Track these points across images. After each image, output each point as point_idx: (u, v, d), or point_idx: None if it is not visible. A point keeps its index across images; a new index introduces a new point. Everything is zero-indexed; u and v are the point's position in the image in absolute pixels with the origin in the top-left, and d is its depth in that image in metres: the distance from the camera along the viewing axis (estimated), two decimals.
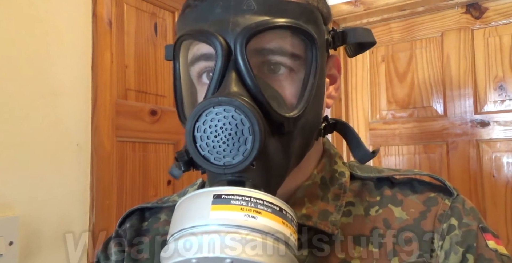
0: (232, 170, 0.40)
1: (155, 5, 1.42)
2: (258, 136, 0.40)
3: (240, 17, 0.46)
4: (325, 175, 0.57)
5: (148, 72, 1.39)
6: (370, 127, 1.73)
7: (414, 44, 1.65)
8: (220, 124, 0.41)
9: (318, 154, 0.59)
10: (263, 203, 0.38)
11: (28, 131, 1.01)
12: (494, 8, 1.49)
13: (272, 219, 0.37)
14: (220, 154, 0.41)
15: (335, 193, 0.55)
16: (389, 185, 0.58)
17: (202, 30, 0.46)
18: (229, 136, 0.40)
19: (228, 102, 0.40)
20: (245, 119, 0.40)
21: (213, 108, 0.41)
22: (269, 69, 0.48)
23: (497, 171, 1.45)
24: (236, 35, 0.44)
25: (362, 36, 0.53)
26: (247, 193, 0.38)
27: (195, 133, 0.41)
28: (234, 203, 0.37)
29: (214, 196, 0.37)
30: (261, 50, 0.47)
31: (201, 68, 0.50)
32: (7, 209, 0.96)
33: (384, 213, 0.54)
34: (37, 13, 1.05)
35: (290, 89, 0.49)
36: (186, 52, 0.51)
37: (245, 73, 0.44)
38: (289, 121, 0.46)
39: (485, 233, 0.51)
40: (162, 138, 1.39)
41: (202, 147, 0.41)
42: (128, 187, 1.28)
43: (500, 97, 1.47)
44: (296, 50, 0.48)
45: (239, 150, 0.40)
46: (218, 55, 0.44)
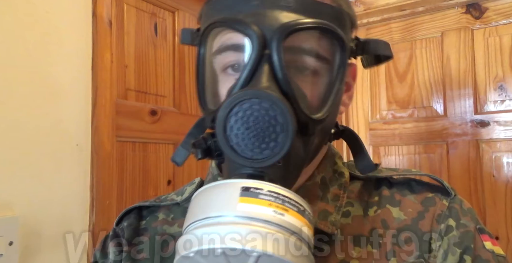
0: (258, 164, 0.40)
1: (155, 5, 1.42)
2: (290, 134, 0.40)
3: (278, 12, 0.45)
4: (325, 175, 0.57)
5: (148, 72, 1.39)
6: (370, 127, 1.73)
7: (414, 44, 1.65)
8: (253, 117, 0.40)
9: (321, 156, 0.59)
10: (290, 201, 0.37)
11: (28, 131, 1.01)
12: (494, 8, 1.49)
13: (297, 218, 0.37)
14: (249, 147, 0.40)
15: (334, 193, 0.55)
16: (387, 185, 0.58)
17: (239, 19, 0.45)
18: (261, 130, 0.40)
19: (265, 96, 0.40)
20: (280, 116, 0.40)
21: (249, 100, 0.40)
22: (296, 69, 0.48)
23: (497, 171, 1.45)
24: (274, 30, 0.44)
25: (381, 49, 0.54)
26: (276, 190, 0.37)
27: (227, 122, 0.41)
28: (263, 198, 0.36)
29: (243, 188, 0.37)
30: (294, 48, 0.47)
31: (229, 58, 0.49)
32: (7, 209, 0.96)
33: (383, 214, 0.54)
34: (37, 13, 1.05)
35: (314, 91, 0.49)
36: (213, 39, 0.51)
37: (279, 69, 0.43)
38: (314, 123, 0.46)
39: (482, 234, 0.52)
40: (162, 138, 1.39)
41: (231, 137, 0.41)
42: (128, 187, 1.28)
43: (500, 97, 1.47)
44: (326, 53, 0.49)
45: (269, 146, 0.40)
46: (254, 47, 0.44)
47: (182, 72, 1.51)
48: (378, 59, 0.57)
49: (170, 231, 0.59)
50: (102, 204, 1.17)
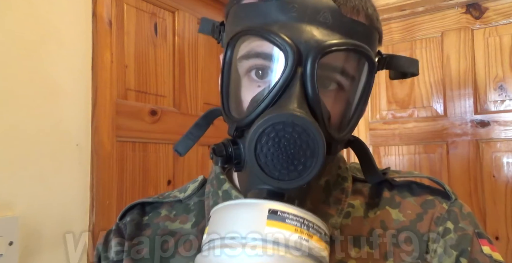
0: (284, 185, 0.41)
1: (155, 5, 1.42)
2: (320, 160, 0.40)
3: (315, 29, 0.44)
4: (329, 179, 0.57)
5: (148, 72, 1.39)
6: (370, 127, 1.73)
7: (414, 44, 1.65)
8: (285, 139, 0.41)
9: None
10: (313, 226, 0.39)
11: (28, 131, 1.01)
12: (494, 8, 1.49)
13: (319, 244, 0.38)
14: (277, 167, 0.41)
15: (336, 197, 0.56)
16: (388, 188, 0.58)
17: (275, 31, 0.44)
18: (291, 153, 0.40)
19: (299, 120, 0.40)
20: (311, 141, 0.40)
21: (283, 122, 0.40)
22: (324, 87, 0.48)
23: (497, 171, 1.45)
24: (311, 48, 0.43)
25: (404, 66, 0.54)
26: (302, 215, 0.38)
27: (257, 142, 0.41)
28: (289, 223, 0.37)
29: (270, 210, 0.38)
30: (323, 65, 0.46)
31: (254, 64, 0.49)
32: (7, 209, 0.96)
33: (382, 215, 0.55)
34: (37, 13, 1.05)
35: (337, 108, 0.49)
36: (241, 43, 0.50)
37: (310, 89, 0.43)
38: (336, 142, 0.46)
39: (480, 239, 0.51)
40: (162, 138, 1.39)
41: (261, 156, 0.41)
42: (128, 187, 1.28)
43: (500, 97, 1.47)
44: (354, 71, 0.49)
45: (296, 168, 0.41)
46: (288, 62, 0.43)
47: (182, 72, 1.51)
48: (404, 74, 0.57)
49: (171, 227, 0.60)
50: (102, 204, 1.17)
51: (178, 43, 1.50)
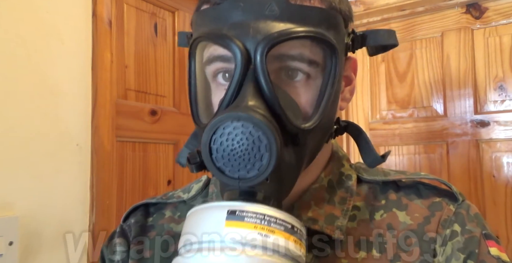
0: (246, 184, 0.41)
1: (155, 5, 1.42)
2: (274, 153, 0.40)
3: (262, 22, 0.44)
4: (332, 178, 0.56)
5: (148, 72, 1.39)
6: (370, 127, 1.73)
7: (414, 44, 1.65)
8: (237, 138, 0.40)
9: (326, 156, 0.58)
10: (276, 221, 0.38)
11: (28, 131, 1.01)
12: (494, 8, 1.49)
13: (284, 238, 0.38)
14: (235, 168, 0.41)
15: (341, 196, 0.55)
16: (394, 189, 0.58)
17: (221, 35, 0.44)
18: (246, 151, 0.40)
19: (247, 118, 0.40)
20: (263, 136, 0.40)
21: (231, 122, 0.40)
22: (287, 75, 0.47)
23: (497, 171, 1.45)
24: (257, 43, 0.43)
25: (383, 39, 0.52)
26: (261, 211, 0.38)
27: (211, 145, 0.41)
28: (248, 221, 0.38)
29: (229, 211, 0.38)
30: (281, 56, 0.46)
31: (217, 68, 0.49)
32: (7, 209, 0.96)
33: (389, 218, 0.54)
34: (37, 13, 1.05)
35: (306, 97, 0.48)
36: (202, 50, 0.50)
37: (264, 84, 0.43)
38: (304, 132, 0.45)
39: (488, 240, 0.51)
40: (162, 138, 1.39)
41: (218, 159, 0.41)
42: (128, 187, 1.28)
43: (500, 97, 1.47)
44: (316, 57, 0.48)
45: (254, 165, 0.40)
46: (238, 63, 0.43)
47: (182, 72, 1.51)
48: (383, 47, 0.56)
49: (176, 229, 0.59)
50: (102, 204, 1.17)
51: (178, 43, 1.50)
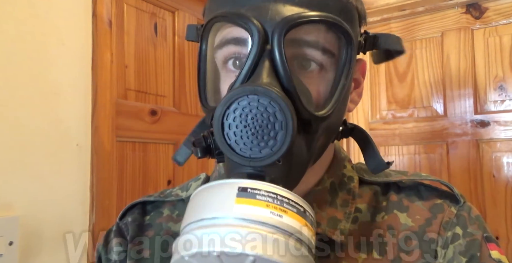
0: (257, 163, 0.39)
1: (155, 5, 1.42)
2: (290, 132, 0.38)
3: (281, 6, 0.44)
4: (334, 180, 0.56)
5: (148, 72, 1.39)
6: (370, 127, 1.73)
7: (414, 44, 1.65)
8: (252, 114, 0.39)
9: (329, 157, 0.58)
10: (288, 202, 0.36)
11: (28, 131, 1.01)
12: (494, 8, 1.49)
13: (296, 220, 0.36)
14: (247, 145, 0.39)
15: (343, 198, 0.54)
16: (395, 190, 0.57)
17: (240, 14, 0.44)
18: (260, 128, 0.39)
19: (264, 92, 0.38)
20: (279, 113, 0.38)
21: (247, 96, 0.39)
22: (300, 64, 0.47)
23: (497, 171, 1.45)
24: (276, 24, 0.43)
25: (393, 44, 0.52)
26: (274, 190, 0.36)
27: (224, 120, 0.39)
28: (260, 199, 0.35)
29: (240, 188, 0.36)
30: (297, 41, 0.45)
31: (229, 52, 0.48)
32: (7, 209, 0.96)
33: (390, 219, 0.54)
34: (37, 13, 1.05)
35: (319, 87, 0.47)
36: (215, 34, 0.49)
37: (280, 64, 0.42)
38: (317, 120, 0.44)
39: (489, 243, 0.51)
40: (162, 138, 1.39)
41: (229, 135, 0.39)
42: (128, 187, 1.28)
43: (500, 97, 1.47)
44: (331, 47, 0.47)
45: (267, 144, 0.39)
46: (254, 41, 0.42)
47: (182, 72, 1.51)
48: (388, 54, 0.56)
49: (175, 228, 0.58)
50: (102, 204, 1.16)
51: (178, 43, 1.50)
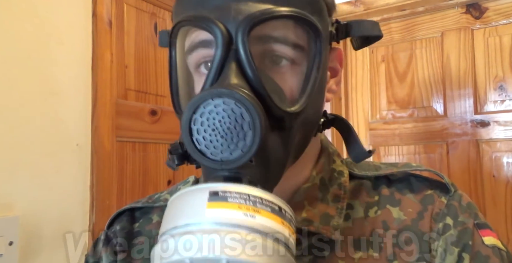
0: (229, 166, 0.38)
1: (155, 5, 1.42)
2: (258, 131, 0.38)
3: (243, 4, 0.43)
4: (324, 175, 0.55)
5: (148, 72, 1.39)
6: (370, 127, 1.73)
7: (414, 44, 1.65)
8: (218, 117, 0.38)
9: (316, 152, 0.57)
10: (261, 201, 0.36)
11: (28, 131, 1.01)
12: (494, 8, 1.49)
13: (271, 219, 0.35)
14: (217, 149, 0.38)
15: (334, 193, 0.54)
16: (386, 184, 0.57)
17: (201, 16, 0.43)
18: (228, 130, 0.38)
19: (228, 94, 0.38)
20: (246, 113, 0.38)
21: (211, 100, 0.38)
22: (271, 60, 0.46)
23: (497, 171, 1.45)
24: (238, 23, 0.42)
25: (367, 30, 0.51)
26: (245, 191, 0.36)
27: (192, 125, 0.39)
28: (232, 201, 0.35)
29: (210, 193, 0.35)
30: (264, 37, 0.45)
31: (200, 56, 0.47)
32: (7, 209, 0.96)
33: (383, 215, 0.53)
34: (37, 13, 1.05)
35: (291, 82, 0.47)
36: (184, 39, 0.49)
37: (246, 64, 0.41)
38: (290, 116, 0.44)
39: (481, 230, 0.50)
40: (162, 138, 1.39)
41: (199, 140, 0.39)
42: (128, 187, 1.28)
43: (500, 97, 1.47)
44: (300, 41, 0.46)
45: (237, 146, 0.38)
46: (218, 44, 0.42)
47: None
48: (367, 39, 0.55)
49: None
50: (102, 204, 1.17)
51: None
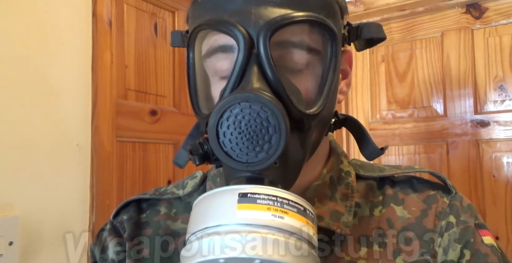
0: (255, 167, 0.40)
1: (155, 5, 1.42)
2: (284, 134, 0.40)
3: (263, 8, 0.44)
4: (333, 174, 0.57)
5: (148, 72, 1.39)
6: (370, 127, 1.73)
7: (414, 44, 1.65)
8: (245, 120, 0.40)
9: (326, 152, 0.59)
10: (288, 202, 0.37)
11: (28, 131, 1.01)
12: (494, 8, 1.49)
13: (297, 219, 0.37)
14: (243, 151, 0.40)
15: (342, 192, 0.55)
16: (390, 184, 0.59)
17: (223, 21, 0.44)
18: (254, 133, 0.40)
19: (255, 98, 0.40)
20: (272, 117, 0.40)
21: (239, 104, 0.40)
22: (288, 64, 0.47)
23: (497, 171, 1.45)
24: (260, 27, 0.43)
25: (375, 32, 0.53)
26: (273, 193, 0.37)
27: (219, 128, 0.41)
28: (261, 203, 0.36)
29: (240, 194, 0.37)
30: (283, 43, 0.46)
31: (218, 61, 0.49)
32: (7, 209, 0.96)
33: (387, 213, 0.55)
34: (37, 13, 1.05)
35: (308, 85, 0.48)
36: (201, 42, 0.50)
37: (267, 68, 0.43)
38: (309, 118, 0.45)
39: (481, 230, 0.53)
40: (162, 138, 1.39)
41: (225, 143, 0.41)
42: (128, 187, 1.28)
43: (500, 97, 1.47)
44: (317, 45, 0.48)
45: (263, 148, 0.40)
46: (241, 48, 0.43)
47: (182, 72, 1.51)
48: (371, 41, 0.56)
49: (173, 227, 0.58)
50: (102, 204, 1.16)
51: None
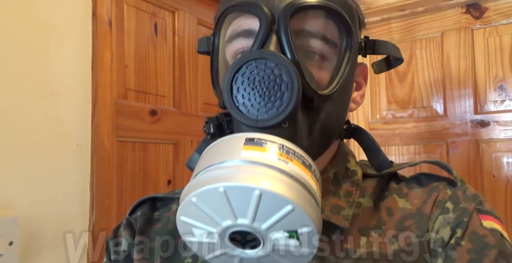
0: (264, 124, 0.41)
1: (155, 5, 1.42)
2: (296, 92, 0.41)
3: None
4: (338, 171, 0.57)
5: (148, 72, 1.39)
6: (370, 127, 1.73)
7: (414, 44, 1.65)
8: (259, 77, 0.41)
9: (333, 150, 0.60)
10: (294, 153, 0.37)
11: (28, 131, 1.01)
12: (494, 8, 1.49)
13: (302, 169, 0.36)
14: (255, 107, 0.41)
15: (347, 190, 0.56)
16: (396, 181, 0.60)
17: (249, 2, 0.47)
18: (267, 89, 0.41)
19: (270, 56, 0.41)
20: (285, 75, 0.41)
21: (255, 61, 0.42)
22: (304, 54, 0.49)
23: (497, 171, 1.45)
24: (282, 8, 0.46)
25: (391, 50, 0.56)
26: (280, 141, 0.38)
27: (233, 84, 0.42)
28: (267, 146, 0.36)
29: (247, 139, 0.37)
30: (301, 31, 0.48)
31: (239, 46, 0.51)
32: (7, 209, 0.96)
33: (388, 202, 0.56)
34: (37, 13, 1.05)
35: (322, 73, 0.50)
36: (227, 27, 0.53)
37: (285, 41, 0.45)
38: (319, 98, 0.47)
39: (482, 214, 0.52)
40: (162, 138, 1.39)
41: (238, 98, 0.42)
42: (128, 187, 1.28)
43: (500, 97, 1.47)
44: (333, 37, 0.50)
45: (274, 105, 0.41)
46: (262, 22, 0.45)
47: (182, 72, 1.51)
48: (388, 63, 0.59)
49: None
50: (102, 204, 1.16)
51: (178, 43, 1.50)
